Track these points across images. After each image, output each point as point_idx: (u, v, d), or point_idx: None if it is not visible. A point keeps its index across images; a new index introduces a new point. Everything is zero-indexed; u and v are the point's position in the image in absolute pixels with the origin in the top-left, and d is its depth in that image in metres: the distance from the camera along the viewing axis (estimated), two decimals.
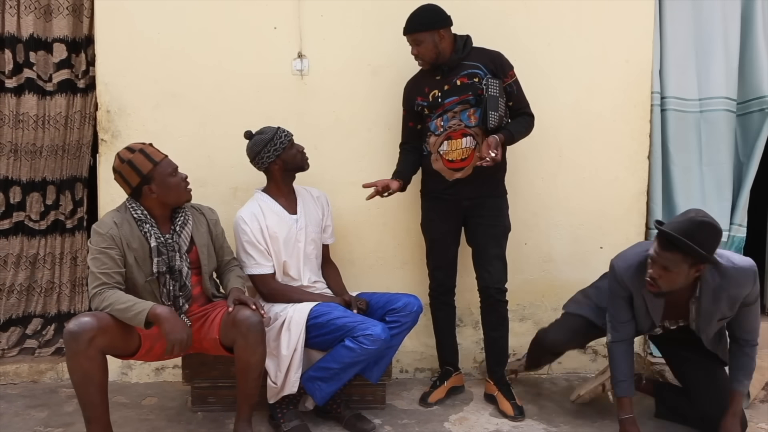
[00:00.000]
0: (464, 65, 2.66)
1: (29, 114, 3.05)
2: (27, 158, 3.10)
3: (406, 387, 3.01)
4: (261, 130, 2.63)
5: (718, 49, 3.07)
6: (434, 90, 2.68)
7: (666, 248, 2.08)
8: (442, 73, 2.68)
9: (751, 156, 3.10)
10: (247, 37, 2.96)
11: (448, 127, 2.65)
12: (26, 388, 2.94)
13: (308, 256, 2.68)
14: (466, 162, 2.64)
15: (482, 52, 2.69)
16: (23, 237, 3.16)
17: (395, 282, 3.06)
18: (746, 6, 3.11)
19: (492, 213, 2.72)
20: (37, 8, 3.01)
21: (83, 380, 2.09)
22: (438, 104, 2.67)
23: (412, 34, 2.62)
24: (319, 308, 2.47)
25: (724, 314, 2.25)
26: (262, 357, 2.29)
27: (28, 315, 3.21)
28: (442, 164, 2.68)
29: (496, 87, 2.60)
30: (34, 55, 3.03)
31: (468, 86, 2.64)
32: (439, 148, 2.68)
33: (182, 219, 2.37)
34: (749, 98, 3.11)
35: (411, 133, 2.82)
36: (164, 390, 2.94)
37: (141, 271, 2.26)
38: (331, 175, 2.97)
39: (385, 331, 2.41)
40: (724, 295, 2.20)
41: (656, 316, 2.33)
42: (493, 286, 2.71)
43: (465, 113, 2.65)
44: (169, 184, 2.29)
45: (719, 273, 2.18)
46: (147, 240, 2.26)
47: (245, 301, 2.30)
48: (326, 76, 3.00)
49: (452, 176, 2.67)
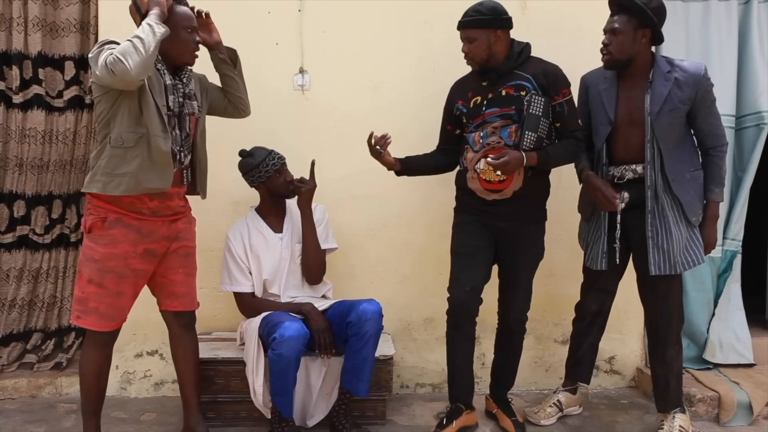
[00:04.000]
0: (515, 75, 2.42)
1: (37, 129, 3.08)
2: (33, 172, 3.12)
3: (407, 402, 2.99)
4: (252, 152, 2.67)
5: (714, 65, 3.10)
6: (477, 96, 2.46)
7: (614, 12, 2.39)
8: (489, 80, 2.45)
9: (746, 171, 3.11)
10: (249, 53, 2.95)
11: (486, 144, 2.43)
12: (24, 402, 2.91)
13: (292, 272, 2.70)
14: (505, 184, 2.41)
15: (538, 64, 2.45)
16: (26, 251, 3.15)
17: (395, 296, 3.05)
18: (743, 22, 3.15)
19: (528, 239, 2.52)
20: (44, 26, 3.06)
21: (98, 371, 2.23)
22: (478, 113, 2.45)
23: (467, 30, 2.39)
24: (270, 317, 2.51)
25: (675, 104, 2.37)
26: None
27: (29, 330, 3.20)
28: (478, 184, 2.46)
29: (540, 105, 2.36)
30: (42, 72, 3.07)
31: (513, 99, 2.40)
32: (475, 166, 2.46)
33: (187, 75, 2.26)
34: (745, 113, 3.13)
35: (447, 137, 2.63)
36: (163, 405, 2.92)
37: (152, 100, 2.10)
38: (332, 190, 2.98)
39: (290, 330, 2.35)
40: (673, 78, 2.38)
41: (610, 108, 2.47)
42: (514, 315, 2.56)
43: (506, 130, 2.42)
44: (178, 36, 2.15)
45: (669, 62, 2.44)
46: (161, 75, 2.15)
47: None
48: (328, 91, 3.03)
49: (489, 197, 2.47)
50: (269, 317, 2.51)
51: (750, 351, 3.09)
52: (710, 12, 3.11)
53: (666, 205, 2.40)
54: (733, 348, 3.07)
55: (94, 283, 2.14)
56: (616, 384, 3.19)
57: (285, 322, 2.40)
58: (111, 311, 2.17)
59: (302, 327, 2.42)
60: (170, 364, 2.83)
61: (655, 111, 2.38)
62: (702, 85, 2.38)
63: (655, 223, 2.41)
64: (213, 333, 2.96)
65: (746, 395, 2.78)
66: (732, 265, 3.11)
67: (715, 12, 3.11)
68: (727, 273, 3.11)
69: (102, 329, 2.18)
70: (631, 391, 3.15)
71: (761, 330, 3.33)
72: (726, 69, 3.10)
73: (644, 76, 2.43)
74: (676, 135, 2.42)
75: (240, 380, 2.60)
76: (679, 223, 2.42)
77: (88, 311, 2.15)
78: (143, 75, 1.99)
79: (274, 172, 2.64)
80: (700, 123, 2.43)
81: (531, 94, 2.36)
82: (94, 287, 2.14)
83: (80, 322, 2.18)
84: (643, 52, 2.41)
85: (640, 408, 2.93)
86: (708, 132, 2.44)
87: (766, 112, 3.04)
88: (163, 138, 2.12)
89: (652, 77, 2.41)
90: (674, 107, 2.38)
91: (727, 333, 3.08)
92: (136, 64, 1.93)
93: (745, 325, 3.12)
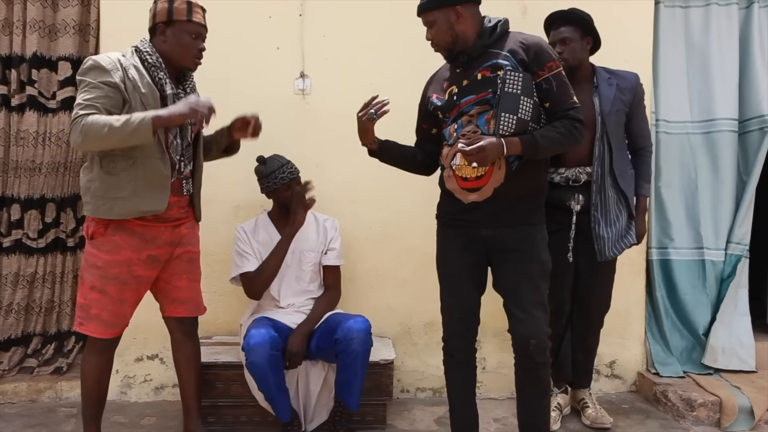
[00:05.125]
0: (489, 54, 2.06)
1: (29, 131, 3.06)
2: (26, 175, 3.09)
3: (407, 407, 2.98)
4: (267, 160, 2.67)
5: (716, 70, 3.10)
6: (453, 86, 2.14)
7: (560, 25, 2.57)
8: (462, 65, 2.12)
9: (750, 174, 3.11)
10: (250, 57, 2.98)
11: (461, 135, 2.08)
12: (24, 407, 2.91)
13: (294, 279, 2.68)
14: (483, 180, 2.06)
15: (516, 37, 2.09)
16: (21, 255, 3.13)
17: (396, 300, 3.05)
18: (743, 26, 3.15)
19: (521, 246, 2.10)
20: (42, 28, 3.05)
21: (99, 376, 2.21)
22: (453, 104, 2.11)
23: (424, 14, 2.10)
24: (250, 324, 2.52)
25: (619, 106, 2.58)
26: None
27: (28, 334, 3.19)
28: (455, 183, 2.12)
29: (517, 82, 1.99)
30: (36, 73, 3.06)
31: (489, 81, 2.04)
32: (451, 162, 2.13)
33: (191, 85, 2.25)
34: (748, 117, 3.13)
35: (422, 137, 2.35)
36: (163, 409, 2.91)
37: None
38: (333, 194, 2.98)
39: (254, 337, 2.35)
40: (615, 83, 2.60)
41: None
42: (529, 339, 2.06)
43: (483, 117, 2.05)
44: (181, 40, 2.12)
45: (607, 71, 2.65)
46: (161, 87, 2.10)
47: None
48: (328, 95, 3.03)
49: (467, 198, 2.11)
50: (249, 325, 2.52)
51: (753, 358, 3.08)
52: (711, 17, 3.12)
53: (611, 200, 2.56)
54: (736, 354, 3.06)
55: (96, 290, 2.13)
56: (617, 388, 3.19)
57: (251, 330, 2.42)
58: (113, 318, 2.16)
59: (268, 332, 2.40)
60: (170, 369, 2.84)
61: (606, 111, 2.55)
62: (638, 91, 2.64)
63: (597, 216, 2.54)
64: (213, 337, 2.96)
65: (747, 400, 2.77)
66: (736, 270, 3.10)
67: (715, 17, 3.11)
68: (731, 278, 3.10)
69: (104, 336, 2.17)
70: (632, 395, 3.15)
71: (762, 334, 3.33)
72: (727, 73, 3.11)
73: (589, 82, 2.61)
74: (621, 134, 2.63)
75: (240, 384, 2.60)
76: (621, 216, 2.60)
77: (91, 318, 2.14)
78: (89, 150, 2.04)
79: (282, 185, 2.63)
80: (634, 125, 2.65)
81: (506, 71, 2.00)
82: (96, 294, 2.13)
83: (83, 329, 2.17)
84: (587, 58, 2.63)
85: (641, 412, 2.92)
86: (640, 134, 2.68)
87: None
88: (162, 160, 2.10)
89: (597, 82, 2.61)
90: (620, 108, 2.58)
91: (731, 338, 3.07)
92: (89, 145, 1.96)
93: (750, 332, 3.12)
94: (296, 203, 2.57)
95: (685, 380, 3.01)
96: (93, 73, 2.01)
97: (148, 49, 2.13)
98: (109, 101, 1.99)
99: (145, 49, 2.13)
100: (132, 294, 2.19)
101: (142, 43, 2.15)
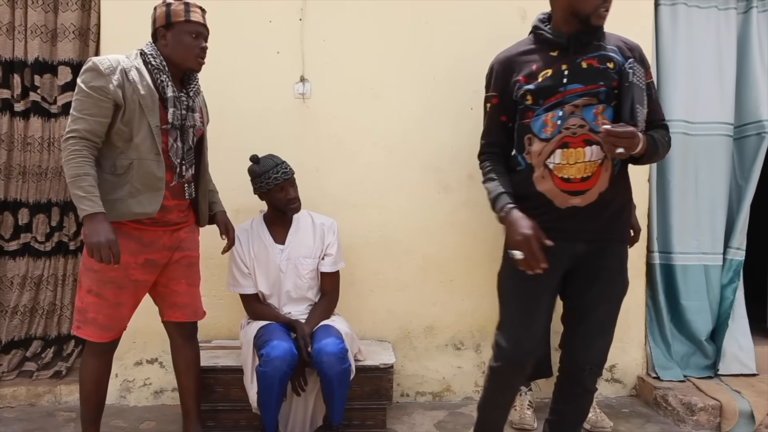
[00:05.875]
0: (596, 45, 1.87)
1: (35, 137, 3.11)
2: (34, 180, 3.13)
3: (407, 411, 2.98)
4: (260, 160, 2.62)
5: (714, 74, 3.11)
6: (547, 70, 1.86)
7: None
8: (561, 48, 1.88)
9: (748, 179, 3.12)
10: (250, 61, 2.99)
11: (564, 128, 1.82)
12: (23, 411, 2.90)
13: (291, 287, 2.65)
14: (590, 183, 1.82)
15: (617, 37, 1.94)
16: (29, 258, 3.17)
17: (396, 305, 3.05)
18: (742, 31, 3.16)
19: (613, 264, 1.91)
20: (44, 32, 3.07)
21: (98, 380, 2.21)
22: (553, 90, 1.83)
23: None
24: (265, 329, 2.50)
25: None
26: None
27: (29, 337, 3.19)
28: (552, 183, 1.84)
29: (642, 77, 1.83)
30: (39, 78, 3.08)
31: (599, 73, 1.82)
32: (547, 160, 1.85)
33: (195, 88, 2.23)
34: (746, 122, 3.14)
35: (502, 133, 1.99)
36: (163, 414, 2.91)
37: (145, 120, 2.06)
38: (332, 198, 2.99)
39: (277, 350, 2.33)
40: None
41: None
42: (587, 365, 1.94)
43: (590, 110, 1.82)
44: (181, 41, 2.12)
45: None
46: (162, 90, 2.10)
47: None
48: (328, 99, 3.03)
49: (566, 202, 1.84)
50: (265, 329, 2.50)
51: (753, 361, 3.09)
52: (710, 20, 3.12)
53: None
54: (736, 357, 3.07)
55: (93, 294, 2.13)
56: (617, 393, 3.19)
57: (274, 341, 2.38)
58: (109, 322, 2.16)
59: (291, 348, 2.38)
60: (170, 373, 2.83)
61: None
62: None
63: None
64: (213, 341, 2.96)
65: (748, 404, 2.77)
66: (739, 275, 3.11)
67: (714, 21, 3.12)
68: (734, 283, 3.10)
69: (100, 340, 2.17)
70: (632, 399, 3.14)
71: (762, 338, 3.33)
72: (725, 78, 3.12)
73: None
74: None
75: (239, 388, 2.59)
76: None
77: (87, 321, 2.14)
78: None
79: (275, 185, 2.58)
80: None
81: (632, 63, 1.81)
82: (93, 297, 2.13)
83: (80, 333, 2.16)
84: None
85: (641, 417, 2.92)
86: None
87: (766, 121, 3.05)
88: (156, 162, 2.10)
89: None
90: None
91: (730, 342, 3.08)
92: (65, 167, 2.01)
93: (748, 334, 3.12)
94: (295, 200, 2.62)
95: (685, 384, 3.01)
96: (88, 75, 2.03)
97: (152, 51, 2.13)
98: (98, 111, 2.02)
99: (150, 51, 2.13)
100: (129, 298, 2.19)
101: (147, 46, 2.16)
